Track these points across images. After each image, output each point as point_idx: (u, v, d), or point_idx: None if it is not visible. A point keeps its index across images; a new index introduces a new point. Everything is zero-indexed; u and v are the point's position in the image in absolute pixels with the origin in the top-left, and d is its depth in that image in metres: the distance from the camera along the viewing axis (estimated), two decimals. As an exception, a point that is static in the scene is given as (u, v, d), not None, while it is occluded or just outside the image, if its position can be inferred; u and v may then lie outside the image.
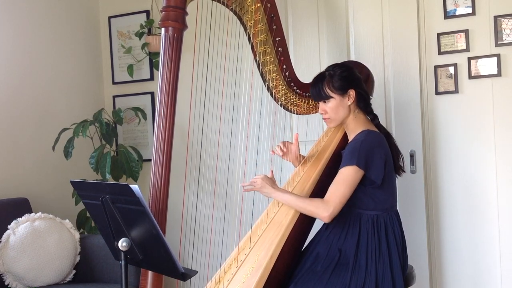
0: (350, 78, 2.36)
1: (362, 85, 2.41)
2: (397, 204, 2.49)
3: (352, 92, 2.35)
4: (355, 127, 2.38)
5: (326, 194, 2.25)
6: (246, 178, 2.96)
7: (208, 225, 2.91)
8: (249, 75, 2.59)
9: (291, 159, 2.61)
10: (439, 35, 3.06)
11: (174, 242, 2.18)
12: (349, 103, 2.35)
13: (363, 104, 2.40)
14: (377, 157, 2.25)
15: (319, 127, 3.13)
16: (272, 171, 2.42)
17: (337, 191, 2.23)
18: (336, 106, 2.35)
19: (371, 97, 2.50)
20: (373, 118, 2.44)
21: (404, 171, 2.50)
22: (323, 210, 2.21)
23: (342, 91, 2.34)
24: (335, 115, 2.37)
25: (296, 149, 2.56)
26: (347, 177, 2.23)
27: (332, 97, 2.34)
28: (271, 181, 2.35)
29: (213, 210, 3.01)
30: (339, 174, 2.26)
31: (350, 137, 2.41)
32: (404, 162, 2.50)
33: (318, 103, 2.42)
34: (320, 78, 2.38)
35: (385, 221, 2.30)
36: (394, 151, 2.41)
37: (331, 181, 2.46)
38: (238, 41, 2.44)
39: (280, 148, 2.54)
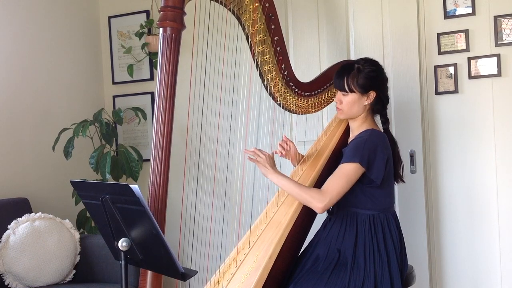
0: (376, 79, 2.35)
1: (385, 88, 2.40)
2: (397, 204, 2.49)
3: (372, 94, 2.34)
4: (361, 125, 2.38)
5: (324, 185, 2.25)
6: (245, 177, 2.96)
7: (207, 225, 2.91)
8: (247, 74, 2.59)
9: (290, 158, 2.62)
10: (439, 35, 3.06)
11: (173, 241, 2.18)
12: (366, 103, 2.35)
13: (380, 107, 2.39)
14: (379, 157, 2.25)
15: (318, 126, 3.13)
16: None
17: (335, 184, 2.22)
18: (353, 101, 2.34)
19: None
20: (384, 122, 2.44)
21: (403, 181, 2.50)
22: (318, 201, 2.21)
23: (364, 90, 2.33)
24: (348, 109, 2.36)
25: (294, 147, 2.58)
26: (347, 172, 2.23)
27: (353, 92, 2.33)
28: (274, 162, 2.34)
29: (212, 210, 3.02)
30: (340, 168, 2.26)
31: (353, 134, 2.41)
32: (403, 172, 2.50)
33: (336, 91, 2.40)
34: (347, 69, 2.35)
35: (381, 222, 2.30)
36: (396, 159, 2.41)
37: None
38: (236, 40, 2.44)
39: (283, 147, 2.54)
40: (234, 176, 3.02)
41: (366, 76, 2.32)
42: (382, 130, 2.42)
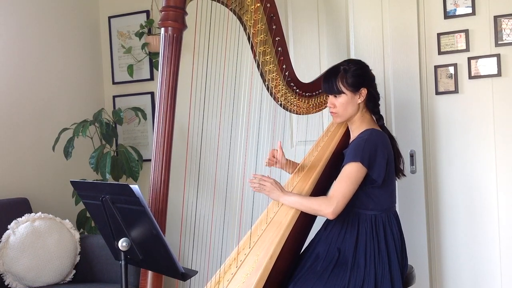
0: (363, 77, 2.36)
1: (374, 84, 2.42)
2: (397, 204, 2.49)
3: (364, 91, 2.35)
4: (360, 125, 2.38)
5: (330, 191, 2.27)
6: (245, 178, 2.95)
7: (208, 225, 2.91)
8: (248, 75, 2.59)
9: (281, 167, 2.60)
10: (439, 35, 3.06)
11: (174, 242, 2.18)
12: (359, 101, 2.35)
13: (372, 104, 2.40)
14: (380, 156, 2.26)
15: (319, 127, 3.13)
16: (280, 143, 2.49)
17: (340, 188, 2.23)
18: (346, 102, 2.35)
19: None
20: (379, 119, 2.45)
21: (404, 175, 2.51)
22: (327, 207, 2.21)
23: (355, 88, 2.34)
24: (343, 111, 2.37)
25: (281, 157, 2.52)
26: (350, 173, 2.24)
27: (344, 93, 2.34)
28: (280, 185, 2.35)
29: (213, 210, 3.01)
30: (343, 171, 2.26)
31: (353, 135, 2.41)
32: (404, 166, 2.50)
33: (328, 96, 2.41)
34: (334, 72, 2.37)
35: (383, 222, 2.30)
36: (395, 154, 2.41)
37: (332, 180, 2.47)
38: (237, 41, 2.44)
39: (270, 159, 2.53)
40: (235, 176, 3.02)
41: (354, 74, 2.33)
42: (379, 128, 2.42)
